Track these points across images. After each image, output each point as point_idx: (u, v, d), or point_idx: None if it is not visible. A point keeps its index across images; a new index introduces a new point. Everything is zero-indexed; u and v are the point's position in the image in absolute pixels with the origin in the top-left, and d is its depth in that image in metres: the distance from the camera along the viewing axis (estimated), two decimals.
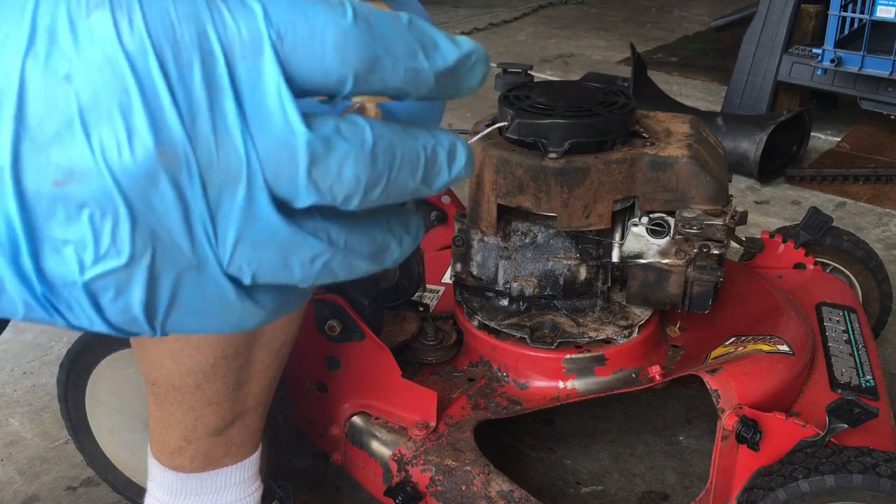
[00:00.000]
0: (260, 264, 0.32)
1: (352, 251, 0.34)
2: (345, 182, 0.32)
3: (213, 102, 0.30)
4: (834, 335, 1.31)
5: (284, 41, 0.31)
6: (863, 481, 0.94)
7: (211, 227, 0.31)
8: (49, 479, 1.35)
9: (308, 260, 0.33)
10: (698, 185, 1.17)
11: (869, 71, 2.34)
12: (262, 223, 0.31)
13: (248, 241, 0.32)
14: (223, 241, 0.31)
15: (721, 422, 1.06)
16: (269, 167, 0.31)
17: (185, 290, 0.32)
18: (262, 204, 0.31)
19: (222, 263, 0.32)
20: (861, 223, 2.14)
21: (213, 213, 0.31)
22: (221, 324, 0.34)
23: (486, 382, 1.26)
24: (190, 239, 0.31)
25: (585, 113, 1.16)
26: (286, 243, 0.32)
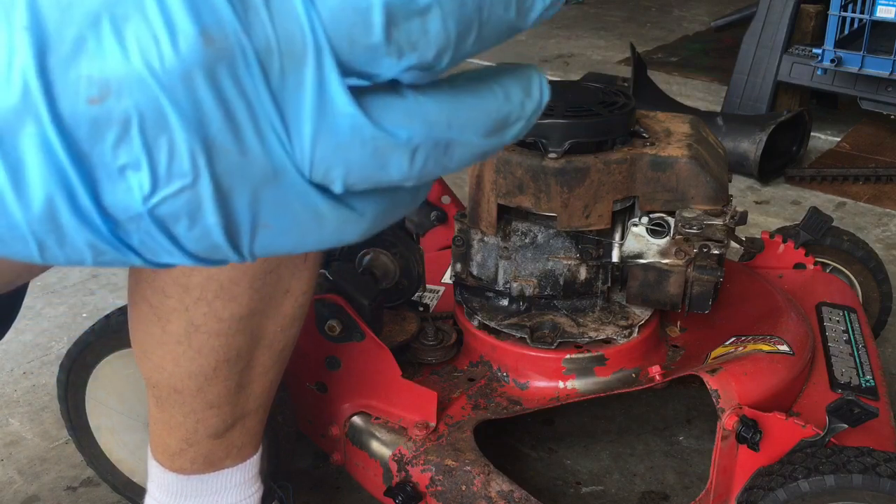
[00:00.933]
0: (349, 167, 0.27)
1: (460, 130, 0.28)
2: (432, 37, 0.26)
3: None
4: (834, 335, 1.31)
5: None
6: (863, 481, 0.94)
7: (281, 126, 0.26)
8: (49, 479, 1.35)
9: (407, 154, 0.28)
10: (698, 185, 1.17)
11: (869, 71, 2.34)
12: (341, 115, 0.26)
13: (328, 140, 0.26)
14: (299, 143, 0.26)
15: (721, 422, 1.06)
16: (337, 36, 0.25)
17: (267, 205, 0.27)
18: (336, 89, 0.26)
19: (303, 170, 0.27)
20: (861, 223, 2.14)
21: (280, 107, 0.26)
22: (318, 239, 0.29)
23: (486, 382, 1.26)
24: (260, 143, 0.26)
25: (585, 113, 1.16)
26: (376, 138, 0.27)
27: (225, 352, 0.92)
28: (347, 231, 0.30)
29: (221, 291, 0.88)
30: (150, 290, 0.89)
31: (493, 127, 0.29)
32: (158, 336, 0.92)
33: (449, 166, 0.29)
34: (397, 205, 0.31)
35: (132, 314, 0.95)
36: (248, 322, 0.91)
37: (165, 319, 0.90)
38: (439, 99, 0.28)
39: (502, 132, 0.30)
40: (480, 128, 0.29)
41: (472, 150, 0.29)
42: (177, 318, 0.89)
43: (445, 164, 0.29)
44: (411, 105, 0.27)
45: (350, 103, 0.26)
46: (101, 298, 1.80)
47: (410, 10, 0.26)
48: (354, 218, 0.29)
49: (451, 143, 0.28)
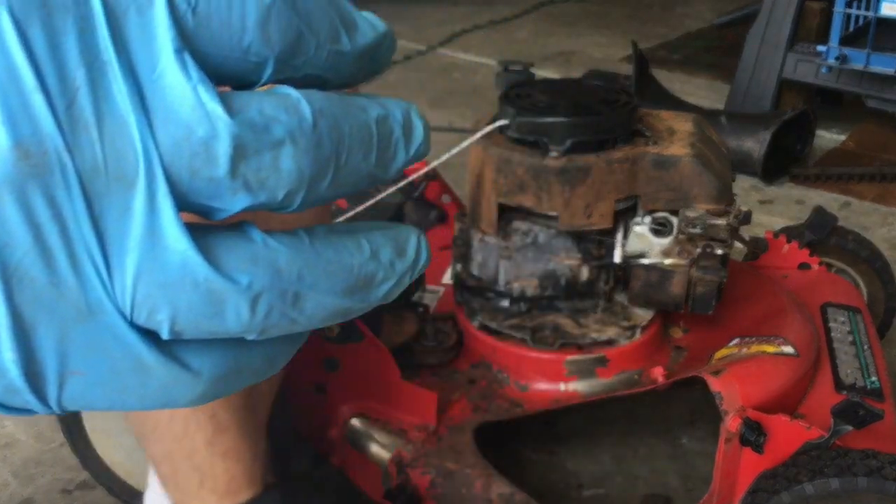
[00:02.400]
0: (177, 310, 0.24)
1: (313, 284, 0.25)
2: (283, 175, 0.24)
3: (95, 81, 0.22)
4: (839, 336, 1.29)
5: (197, 10, 0.23)
6: (868, 484, 0.93)
7: (101, 256, 0.23)
8: (44, 481, 1.34)
9: (247, 302, 0.24)
10: (701, 185, 1.16)
11: (874, 69, 2.33)
12: (171, 250, 0.23)
13: (154, 277, 0.23)
14: (120, 277, 0.23)
15: (724, 424, 1.05)
16: (176, 165, 0.23)
17: (78, 347, 0.23)
18: (168, 221, 0.23)
19: (123, 309, 0.23)
20: (866, 223, 2.12)
21: (102, 235, 0.23)
22: (142, 396, 0.25)
23: (486, 384, 1.25)
24: (73, 273, 0.23)
25: (587, 111, 1.15)
26: (210, 280, 0.24)
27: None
28: (178, 392, 0.25)
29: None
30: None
31: (353, 284, 0.27)
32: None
33: (299, 321, 0.26)
34: (243, 368, 0.27)
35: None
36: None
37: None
38: (293, 247, 0.25)
39: (366, 291, 0.27)
40: (338, 284, 0.26)
41: (328, 308, 0.26)
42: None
43: (294, 317, 0.25)
44: (258, 249, 0.25)
45: (183, 238, 0.23)
46: None
47: (261, 145, 0.24)
48: (187, 378, 0.25)
49: (300, 296, 0.25)
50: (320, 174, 0.25)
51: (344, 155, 0.25)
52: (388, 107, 0.27)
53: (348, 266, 0.26)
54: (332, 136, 0.25)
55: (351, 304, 0.27)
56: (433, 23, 3.87)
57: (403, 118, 0.27)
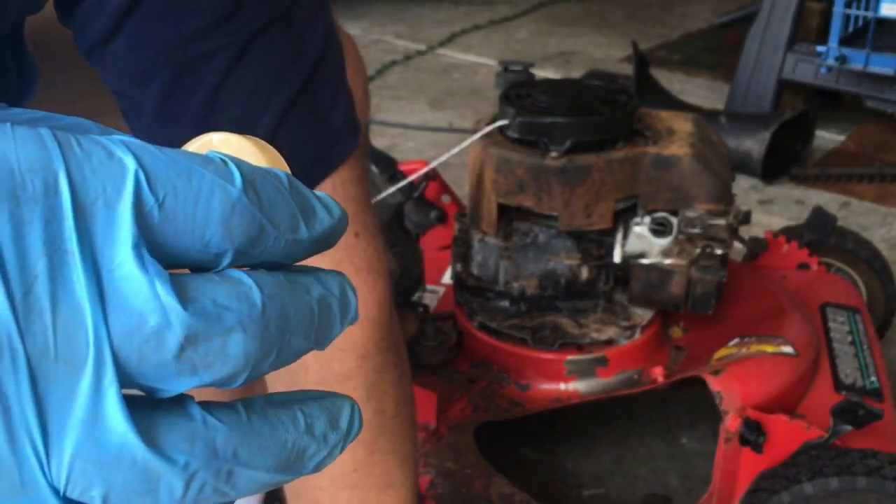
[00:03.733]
0: (110, 488, 0.24)
1: (248, 461, 0.26)
2: (230, 360, 0.25)
3: (55, 270, 0.23)
4: (838, 336, 1.29)
5: (164, 205, 0.24)
6: (867, 484, 0.93)
7: (40, 435, 0.23)
8: None
9: (182, 480, 0.24)
10: (701, 185, 1.16)
11: (874, 69, 2.33)
12: (111, 431, 0.23)
13: (91, 456, 0.23)
14: (57, 455, 0.23)
15: (724, 424, 1.05)
16: (126, 351, 0.24)
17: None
18: (111, 404, 0.23)
19: (57, 485, 0.23)
20: (866, 223, 2.13)
21: (44, 415, 0.23)
22: None
23: (486, 384, 1.25)
24: (10, 451, 0.23)
25: (587, 111, 1.16)
26: (147, 460, 0.24)
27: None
28: None
29: None
30: None
31: (286, 460, 0.27)
32: None
33: (230, 495, 0.26)
34: None
35: None
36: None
37: None
38: (230, 424, 0.26)
39: (298, 465, 0.27)
40: (271, 460, 0.26)
41: (258, 482, 0.26)
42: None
43: (226, 492, 0.26)
44: (197, 427, 0.25)
45: (124, 421, 0.24)
46: None
47: (212, 332, 0.24)
48: None
49: (233, 473, 0.25)
50: (264, 356, 0.26)
51: (287, 336, 0.26)
52: (327, 283, 0.28)
53: (282, 441, 0.27)
54: (278, 321, 0.26)
55: (281, 478, 0.27)
56: (433, 23, 3.87)
57: (340, 293, 0.28)
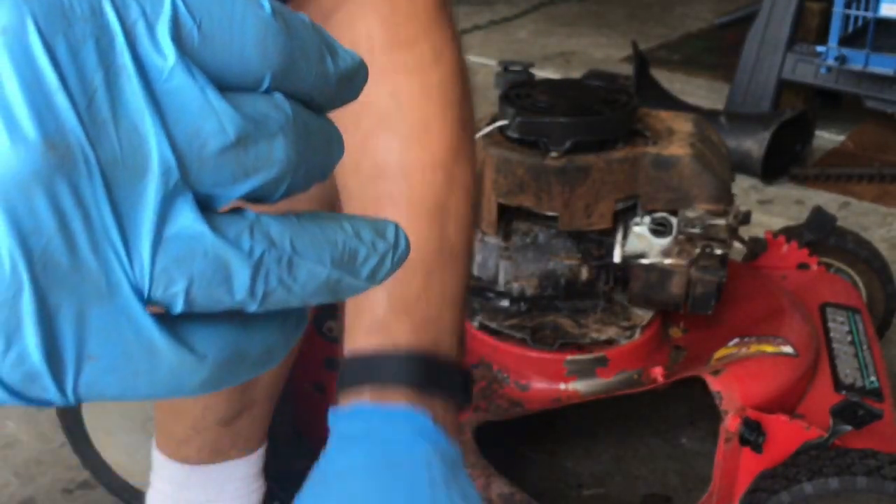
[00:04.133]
0: (190, 281, 0.26)
1: (304, 252, 0.28)
2: (275, 164, 0.27)
3: (111, 83, 0.25)
4: (838, 336, 1.29)
5: (202, 27, 0.26)
6: (867, 484, 0.93)
7: (119, 239, 0.25)
8: (45, 481, 1.35)
9: (250, 267, 0.27)
10: (701, 185, 1.16)
11: (873, 69, 2.33)
12: (183, 227, 0.26)
13: (169, 253, 0.25)
14: (137, 256, 0.25)
15: (724, 424, 1.05)
16: (186, 156, 0.26)
17: (95, 330, 0.25)
18: (179, 203, 0.26)
19: (140, 286, 0.25)
20: (865, 223, 2.13)
21: (120, 221, 0.25)
22: (150, 383, 0.27)
23: (486, 384, 1.25)
24: (95, 257, 0.25)
25: (587, 111, 1.16)
26: (217, 248, 0.26)
27: None
28: (185, 376, 0.27)
29: None
30: None
31: (339, 257, 0.29)
32: None
33: (294, 290, 0.28)
34: (245, 355, 0.29)
35: None
36: None
37: None
38: (282, 221, 0.28)
39: (353, 265, 0.29)
40: (325, 254, 0.29)
41: (319, 277, 0.28)
42: None
43: (290, 285, 0.28)
44: (254, 221, 0.27)
45: (192, 215, 0.26)
46: None
47: (259, 136, 0.27)
48: (193, 361, 0.27)
49: (293, 263, 0.28)
50: (300, 163, 0.28)
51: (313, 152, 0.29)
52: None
53: (332, 240, 0.29)
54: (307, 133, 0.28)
55: (339, 275, 0.29)
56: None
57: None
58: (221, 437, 0.99)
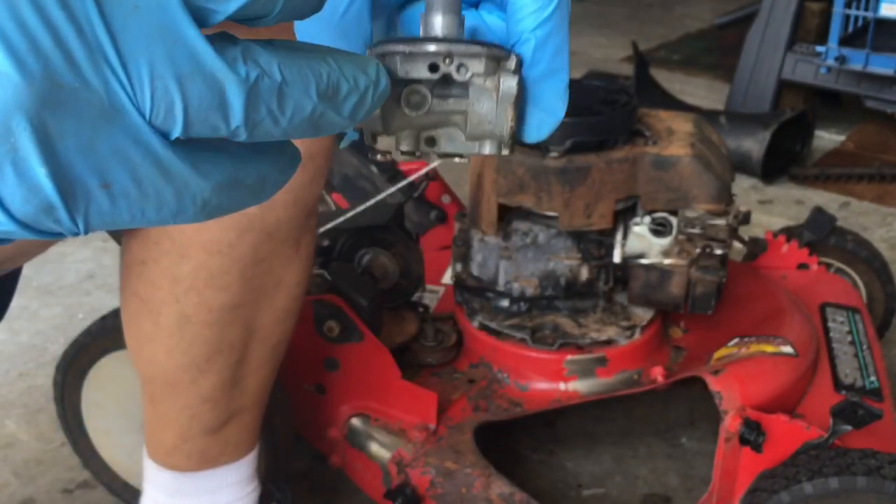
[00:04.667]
0: (189, 102, 0.25)
1: (292, 82, 0.28)
2: None
3: None
4: (838, 336, 1.29)
5: None
6: (867, 483, 0.93)
7: (116, 57, 0.24)
8: (45, 481, 1.35)
9: (243, 92, 0.26)
10: (701, 185, 1.16)
11: (873, 69, 2.33)
12: (182, 43, 0.25)
13: (169, 71, 0.25)
14: (137, 75, 0.24)
15: (724, 424, 1.05)
16: None
17: (103, 155, 0.25)
18: (175, 14, 0.25)
19: (142, 108, 0.25)
20: (865, 223, 2.13)
21: (114, 36, 0.24)
22: (158, 206, 0.27)
23: (486, 384, 1.25)
24: (96, 74, 0.24)
25: (587, 112, 1.16)
26: (216, 70, 0.26)
27: (217, 343, 0.91)
28: (189, 197, 0.27)
29: (212, 280, 0.88)
30: (139, 284, 0.89)
31: (324, 90, 0.29)
32: (150, 329, 0.91)
33: (280, 121, 0.28)
34: (240, 182, 0.29)
35: (125, 311, 0.95)
36: (239, 312, 0.91)
37: (157, 312, 0.90)
38: (270, 50, 0.28)
39: (336, 99, 0.29)
40: (311, 85, 0.28)
41: (305, 110, 0.28)
42: (168, 310, 0.89)
43: (277, 116, 0.28)
44: (246, 48, 0.27)
45: (191, 31, 0.25)
46: (97, 299, 1.79)
47: None
48: (197, 180, 0.27)
49: (282, 93, 0.27)
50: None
51: None
52: None
53: (317, 72, 0.29)
54: None
55: (323, 108, 0.29)
56: None
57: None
58: (210, 445, 0.99)
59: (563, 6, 0.37)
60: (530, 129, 0.38)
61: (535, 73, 0.37)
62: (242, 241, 0.87)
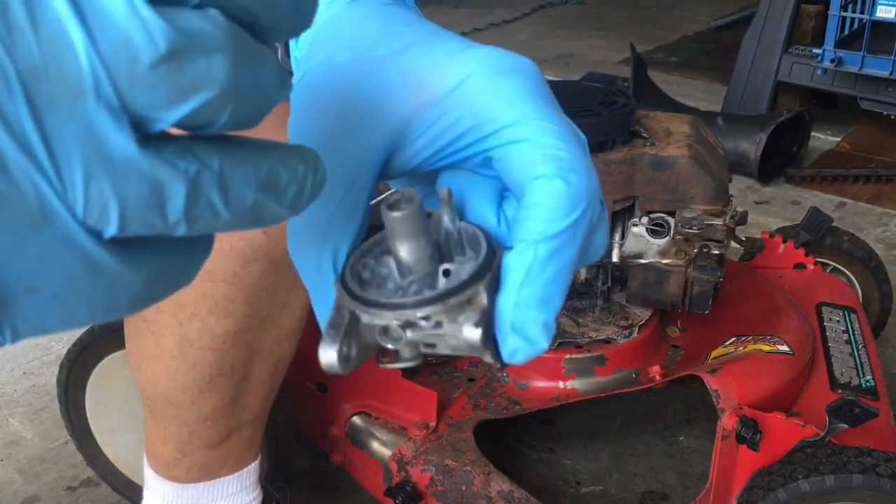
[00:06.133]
0: (125, 203, 0.24)
1: (232, 173, 0.27)
2: (215, 82, 0.25)
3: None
4: (834, 335, 1.30)
5: None
6: (863, 481, 0.94)
7: (48, 160, 0.23)
8: (49, 479, 1.35)
9: (184, 187, 0.25)
10: (698, 186, 1.17)
11: (869, 71, 2.34)
12: (118, 148, 0.24)
13: (104, 173, 0.24)
14: (70, 179, 0.24)
15: (721, 422, 1.06)
16: (114, 71, 0.23)
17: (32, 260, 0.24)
18: (111, 120, 0.24)
19: (75, 211, 0.24)
20: (861, 223, 2.14)
21: (47, 139, 0.23)
22: (90, 306, 0.26)
23: (486, 382, 1.26)
24: (27, 178, 0.23)
25: (585, 113, 1.16)
26: (152, 170, 0.25)
27: (219, 366, 0.90)
28: (121, 294, 0.26)
29: (216, 308, 0.87)
30: None
31: (264, 180, 0.28)
32: (152, 350, 0.91)
33: (221, 214, 0.27)
34: (168, 270, 0.28)
35: (127, 326, 0.94)
36: (243, 337, 0.90)
37: (159, 334, 0.89)
38: (208, 143, 0.27)
39: (276, 189, 0.28)
40: (251, 178, 0.27)
41: (247, 201, 0.27)
42: (171, 333, 0.88)
43: (219, 210, 0.26)
44: (185, 143, 0.26)
45: (126, 135, 0.24)
46: None
47: (195, 51, 0.24)
48: (128, 277, 0.26)
49: (225, 182, 0.26)
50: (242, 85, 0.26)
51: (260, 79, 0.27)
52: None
53: (258, 163, 0.28)
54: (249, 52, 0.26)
55: (264, 200, 0.28)
56: None
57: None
58: (210, 459, 0.99)
59: (582, 224, 0.33)
60: (504, 353, 0.34)
61: (521, 297, 0.34)
62: (248, 271, 0.86)
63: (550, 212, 0.33)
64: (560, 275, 0.33)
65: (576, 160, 0.34)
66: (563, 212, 0.33)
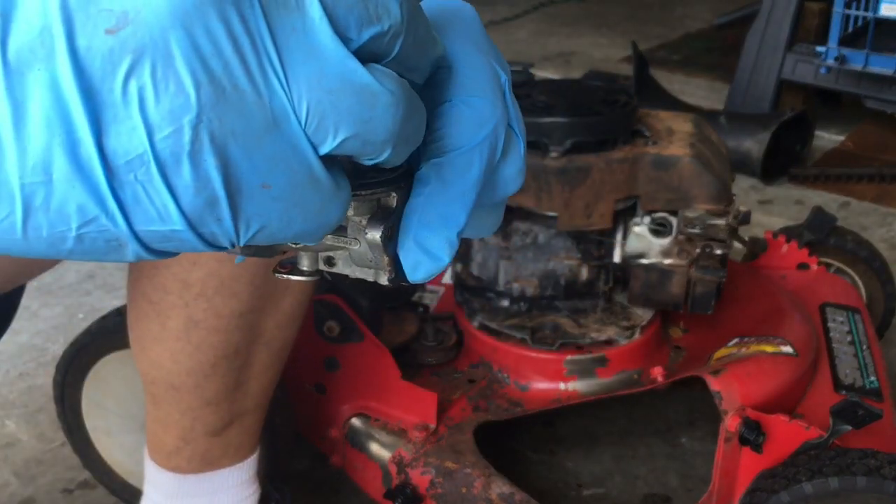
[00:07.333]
0: (341, 116, 0.27)
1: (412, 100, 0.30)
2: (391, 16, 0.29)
3: None
4: (838, 336, 1.29)
5: None
6: (867, 483, 0.93)
7: (281, 69, 0.27)
8: (45, 481, 1.34)
9: (391, 108, 0.28)
10: (701, 185, 1.16)
11: (873, 69, 2.33)
12: (334, 60, 0.27)
13: (323, 84, 0.27)
14: (296, 87, 0.27)
15: (724, 424, 1.05)
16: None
17: (266, 158, 0.27)
18: (327, 37, 0.27)
19: (300, 117, 0.27)
20: (865, 223, 2.13)
21: (279, 48, 0.27)
22: (305, 214, 0.29)
23: (486, 384, 1.25)
24: (264, 83, 0.26)
25: (587, 112, 1.16)
26: (366, 85, 0.28)
27: (223, 348, 0.91)
28: (330, 209, 0.29)
29: (222, 288, 0.88)
30: (150, 286, 0.89)
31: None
32: (157, 332, 0.91)
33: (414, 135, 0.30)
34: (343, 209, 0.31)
35: (131, 311, 0.95)
36: (247, 319, 0.91)
37: (165, 315, 0.90)
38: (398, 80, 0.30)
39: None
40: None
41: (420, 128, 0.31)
42: (176, 315, 0.89)
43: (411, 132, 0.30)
44: (378, 65, 0.29)
45: (343, 50, 0.27)
46: (97, 299, 1.79)
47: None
48: (338, 193, 0.29)
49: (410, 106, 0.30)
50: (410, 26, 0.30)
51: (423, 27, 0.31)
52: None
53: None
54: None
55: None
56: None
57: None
58: (212, 447, 0.99)
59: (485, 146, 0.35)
60: (406, 267, 0.35)
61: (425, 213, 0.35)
62: None
63: (453, 132, 0.35)
64: (463, 194, 0.34)
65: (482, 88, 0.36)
66: (466, 133, 0.35)
